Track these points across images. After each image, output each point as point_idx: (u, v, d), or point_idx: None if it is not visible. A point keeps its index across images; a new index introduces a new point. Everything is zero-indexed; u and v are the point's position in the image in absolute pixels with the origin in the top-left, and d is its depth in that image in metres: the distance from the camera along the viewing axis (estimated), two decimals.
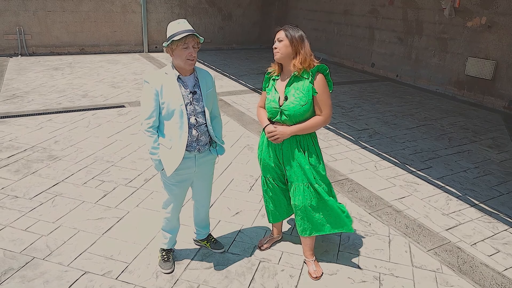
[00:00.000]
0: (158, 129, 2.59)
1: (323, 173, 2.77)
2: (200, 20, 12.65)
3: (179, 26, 2.41)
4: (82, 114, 6.19)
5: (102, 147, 4.98)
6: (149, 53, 11.85)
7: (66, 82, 8.09)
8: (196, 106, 2.56)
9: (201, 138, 2.61)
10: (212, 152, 2.74)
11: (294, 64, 2.54)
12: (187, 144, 2.56)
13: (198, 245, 3.18)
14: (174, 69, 2.53)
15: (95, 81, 8.27)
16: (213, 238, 3.16)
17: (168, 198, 2.76)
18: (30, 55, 10.62)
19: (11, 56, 10.38)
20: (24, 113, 6.05)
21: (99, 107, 6.57)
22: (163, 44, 2.47)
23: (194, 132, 2.57)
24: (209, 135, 2.67)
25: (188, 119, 2.53)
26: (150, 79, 2.49)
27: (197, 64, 10.74)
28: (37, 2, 10.39)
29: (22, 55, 10.51)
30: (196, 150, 2.62)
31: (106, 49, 11.59)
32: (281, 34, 2.55)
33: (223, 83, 8.61)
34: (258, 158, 2.94)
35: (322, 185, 2.76)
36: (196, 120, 2.57)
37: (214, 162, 2.85)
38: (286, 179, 2.86)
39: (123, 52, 11.78)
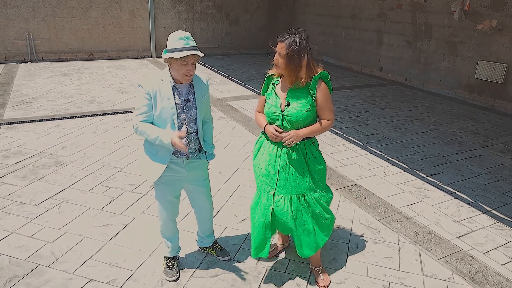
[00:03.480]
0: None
1: (323, 182, 2.71)
2: (208, 25, 12.68)
3: (180, 42, 2.33)
4: (89, 119, 6.21)
5: (108, 152, 4.97)
6: (156, 59, 11.90)
7: (74, 88, 8.14)
8: (188, 114, 2.52)
9: (190, 145, 2.58)
10: (202, 158, 2.69)
11: (290, 82, 2.52)
12: (175, 150, 2.53)
13: (204, 253, 3.14)
14: (171, 77, 2.48)
15: (103, 87, 8.31)
16: (218, 245, 3.11)
17: (161, 204, 2.74)
18: (40, 61, 10.72)
19: (21, 62, 10.49)
20: (32, 119, 6.09)
21: (107, 112, 6.59)
22: (163, 53, 2.42)
23: (183, 140, 2.51)
24: (199, 142, 2.64)
25: (179, 128, 2.50)
26: (144, 84, 2.45)
27: (202, 69, 10.65)
28: (46, 9, 10.50)
29: (31, 61, 10.62)
30: (184, 156, 2.59)
31: (114, 55, 11.67)
32: (283, 50, 2.45)
33: (230, 88, 8.60)
34: (254, 168, 2.78)
35: (317, 196, 2.68)
36: (187, 129, 2.53)
37: (207, 168, 2.81)
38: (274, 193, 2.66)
39: (131, 58, 11.85)
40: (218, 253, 3.07)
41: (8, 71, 9.41)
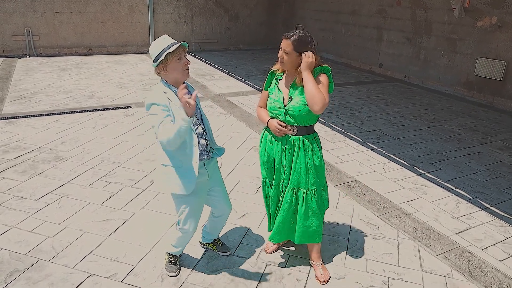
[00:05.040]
0: (165, 151, 2.46)
1: (323, 177, 2.75)
2: (207, 20, 12.64)
3: (165, 41, 2.35)
4: (88, 115, 6.20)
5: (108, 148, 4.97)
6: None
7: (73, 82, 8.12)
8: (197, 115, 2.53)
9: (208, 145, 2.60)
10: (214, 155, 2.70)
11: (298, 77, 2.54)
12: (199, 154, 2.51)
13: (204, 248, 3.15)
14: (169, 87, 2.44)
15: (102, 82, 8.29)
16: (219, 240, 3.12)
17: (190, 214, 2.61)
18: (38, 56, 10.68)
19: (19, 57, 10.45)
20: (31, 114, 6.07)
21: (106, 107, 6.58)
22: (153, 64, 2.39)
23: (203, 141, 2.54)
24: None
25: (196, 130, 2.49)
26: (157, 100, 2.34)
27: (201, 65, 10.63)
28: (45, 3, 10.45)
29: (30, 56, 10.58)
30: (206, 158, 2.58)
31: (113, 50, 11.63)
32: (288, 47, 2.48)
33: (229, 84, 8.59)
34: (262, 164, 2.87)
35: (319, 191, 2.75)
36: (203, 129, 2.55)
37: (218, 165, 2.82)
38: (283, 184, 2.77)
39: (130, 53, 11.81)
40: (219, 248, 3.08)
41: (6, 65, 9.37)
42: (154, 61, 2.38)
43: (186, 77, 2.47)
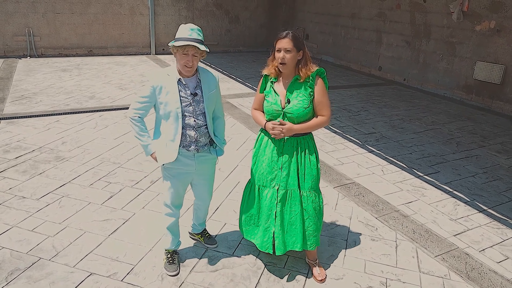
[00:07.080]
0: (156, 128, 2.64)
1: (318, 177, 2.80)
2: (208, 23, 12.68)
3: (185, 32, 2.43)
4: (89, 115, 6.22)
5: (109, 148, 5.00)
6: (156, 55, 11.90)
7: (74, 83, 8.14)
8: (196, 108, 2.58)
9: (200, 139, 2.63)
10: (212, 153, 2.74)
11: (302, 74, 2.57)
12: (185, 144, 2.59)
13: (193, 239, 3.24)
14: (176, 72, 2.56)
15: (103, 83, 8.32)
16: (207, 233, 3.21)
17: (168, 191, 2.76)
18: (39, 56, 10.71)
19: (20, 57, 10.47)
20: (32, 114, 6.09)
21: (106, 108, 6.60)
22: (169, 43, 2.50)
23: (193, 133, 2.58)
24: (209, 136, 2.68)
25: (183, 121, 2.55)
26: (151, 78, 2.54)
27: (203, 67, 10.67)
28: (46, 4, 10.48)
29: (31, 56, 10.60)
30: (194, 150, 2.63)
31: (114, 51, 11.66)
32: (289, 44, 2.50)
33: (229, 86, 8.62)
34: (253, 164, 2.85)
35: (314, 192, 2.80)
36: (196, 122, 2.59)
37: (215, 163, 2.85)
38: (278, 187, 2.74)
39: (131, 54, 11.85)
40: (206, 240, 3.16)
41: (7, 66, 9.40)
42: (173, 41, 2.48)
43: (185, 73, 2.54)
